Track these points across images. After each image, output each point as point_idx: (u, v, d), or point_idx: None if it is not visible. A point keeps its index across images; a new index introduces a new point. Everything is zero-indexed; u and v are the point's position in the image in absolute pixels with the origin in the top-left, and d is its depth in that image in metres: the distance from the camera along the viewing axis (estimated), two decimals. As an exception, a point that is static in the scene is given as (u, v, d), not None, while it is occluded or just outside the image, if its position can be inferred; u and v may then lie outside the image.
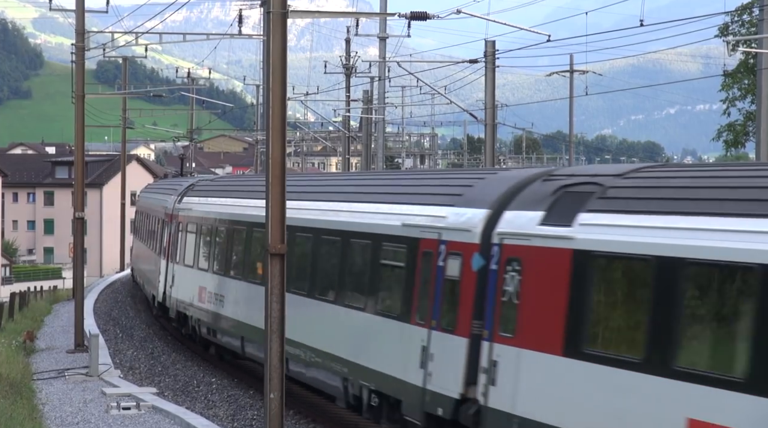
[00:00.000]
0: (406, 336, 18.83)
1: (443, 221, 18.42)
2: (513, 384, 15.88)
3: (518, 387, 15.79)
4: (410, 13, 34.47)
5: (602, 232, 14.79)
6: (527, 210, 16.57)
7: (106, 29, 42.12)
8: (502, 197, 17.49)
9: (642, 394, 13.34)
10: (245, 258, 28.11)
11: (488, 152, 38.30)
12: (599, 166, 18.95)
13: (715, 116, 60.40)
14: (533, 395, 15.52)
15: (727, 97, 50.58)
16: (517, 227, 16.48)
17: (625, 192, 15.23)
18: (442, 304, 17.88)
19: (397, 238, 19.63)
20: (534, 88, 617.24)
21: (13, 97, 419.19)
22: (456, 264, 17.63)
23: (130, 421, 22.88)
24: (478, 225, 17.35)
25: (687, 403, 12.71)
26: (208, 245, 31.87)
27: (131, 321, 42.83)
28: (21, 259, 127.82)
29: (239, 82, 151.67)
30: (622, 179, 15.71)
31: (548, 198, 16.40)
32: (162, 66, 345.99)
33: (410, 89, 63.26)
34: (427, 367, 17.80)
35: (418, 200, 19.91)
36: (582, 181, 16.29)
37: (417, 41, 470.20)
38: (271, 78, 16.96)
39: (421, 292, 18.51)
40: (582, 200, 15.69)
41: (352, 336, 21.20)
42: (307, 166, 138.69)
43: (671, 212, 13.87)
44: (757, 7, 41.23)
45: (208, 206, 33.19)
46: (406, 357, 18.69)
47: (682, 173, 15.48)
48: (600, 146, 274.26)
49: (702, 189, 14.13)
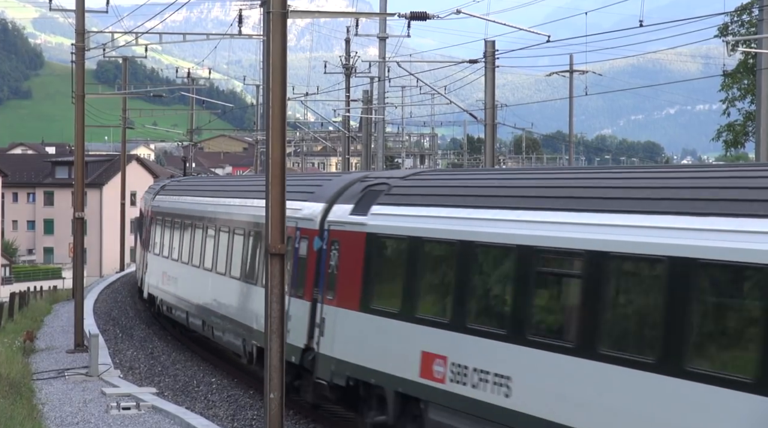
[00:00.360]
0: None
1: (299, 212, 23.67)
2: (332, 334, 21.51)
3: (335, 336, 21.39)
4: (410, 13, 34.52)
5: (383, 219, 20.27)
6: (345, 204, 22.01)
7: (106, 29, 42.13)
8: (335, 195, 22.82)
9: (397, 335, 19.24)
10: (192, 246, 34.01)
11: (488, 152, 38.31)
12: (395, 171, 25.47)
13: (715, 116, 60.43)
14: (344, 341, 21.12)
15: (726, 97, 50.57)
16: (337, 217, 21.98)
17: (403, 190, 20.77)
18: (296, 276, 23.43)
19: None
20: (534, 88, 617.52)
21: (13, 97, 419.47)
22: (304, 245, 23.31)
23: (129, 421, 22.88)
24: (318, 215, 22.87)
25: (422, 341, 18.43)
26: (169, 236, 38.06)
27: (131, 321, 42.84)
28: (21, 259, 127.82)
29: (239, 82, 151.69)
30: (403, 180, 21.43)
31: (358, 195, 21.83)
32: (162, 66, 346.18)
33: (410, 89, 63.29)
34: (287, 326, 21.54)
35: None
36: (379, 182, 21.87)
37: (417, 41, 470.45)
38: (271, 78, 16.97)
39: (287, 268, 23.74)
40: (375, 196, 21.19)
41: (248, 305, 27.43)
42: (307, 166, 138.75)
43: (425, 205, 19.31)
44: (757, 7, 41.22)
45: (169, 203, 39.42)
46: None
47: (442, 176, 22.16)
48: (600, 146, 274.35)
49: (446, 187, 19.75)
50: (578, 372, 14.90)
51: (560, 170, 19.59)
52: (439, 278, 18.44)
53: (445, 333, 17.91)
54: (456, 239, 17.88)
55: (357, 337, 20.68)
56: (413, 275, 18.97)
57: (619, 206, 15.11)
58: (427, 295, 18.75)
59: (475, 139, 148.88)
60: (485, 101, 38.19)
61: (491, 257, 17.27)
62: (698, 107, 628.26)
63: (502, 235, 16.92)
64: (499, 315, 16.84)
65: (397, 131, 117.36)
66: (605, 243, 14.77)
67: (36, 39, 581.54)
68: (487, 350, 16.80)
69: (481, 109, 39.82)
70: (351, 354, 20.87)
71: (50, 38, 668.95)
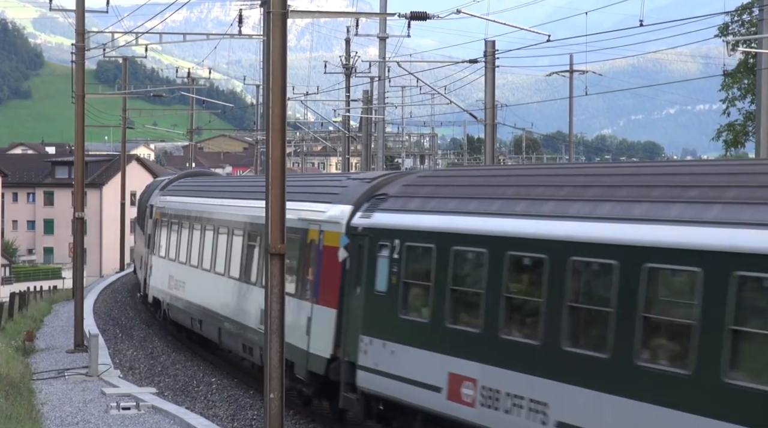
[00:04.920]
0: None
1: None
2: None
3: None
4: (410, 13, 34.52)
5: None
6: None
7: (106, 29, 42.12)
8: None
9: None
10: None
11: (488, 152, 38.32)
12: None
13: (715, 115, 60.39)
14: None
15: (726, 97, 50.52)
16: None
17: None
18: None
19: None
20: (534, 88, 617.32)
21: (13, 97, 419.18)
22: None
23: (129, 421, 22.87)
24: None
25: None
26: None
27: (131, 321, 42.83)
28: (21, 259, 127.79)
29: (239, 82, 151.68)
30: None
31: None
32: (162, 66, 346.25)
33: (410, 89, 63.28)
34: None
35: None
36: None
37: (417, 41, 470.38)
38: (271, 78, 16.97)
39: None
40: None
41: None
42: (307, 166, 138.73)
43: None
44: (757, 7, 41.18)
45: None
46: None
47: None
48: (600, 146, 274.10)
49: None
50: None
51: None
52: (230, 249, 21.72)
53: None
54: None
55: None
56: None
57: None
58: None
59: (475, 139, 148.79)
60: (485, 101, 38.18)
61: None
62: (698, 107, 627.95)
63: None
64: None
65: (397, 131, 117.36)
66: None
67: (36, 39, 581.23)
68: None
69: (481, 109, 39.81)
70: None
71: (50, 38, 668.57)
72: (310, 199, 23.97)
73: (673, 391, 13.65)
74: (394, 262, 19.55)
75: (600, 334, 14.91)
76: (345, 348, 20.93)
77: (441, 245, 18.35)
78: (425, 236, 18.92)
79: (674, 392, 13.65)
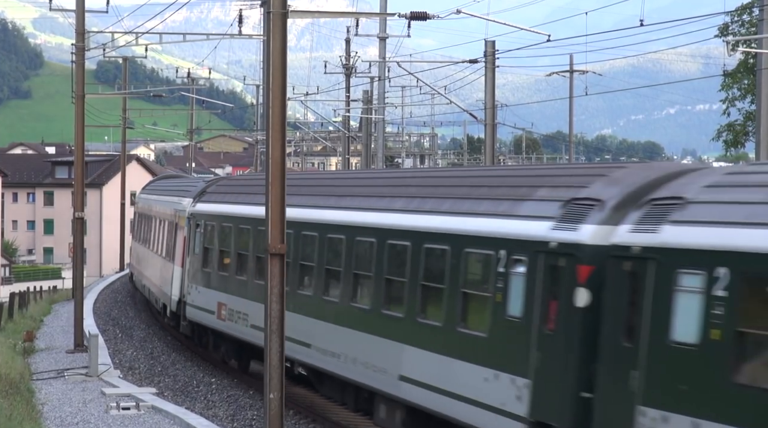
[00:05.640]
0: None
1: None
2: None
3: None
4: (410, 13, 34.53)
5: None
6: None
7: (106, 29, 42.13)
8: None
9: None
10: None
11: (488, 152, 38.32)
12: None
13: (715, 115, 60.37)
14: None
15: (726, 97, 50.49)
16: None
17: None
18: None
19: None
20: (534, 88, 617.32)
21: (13, 97, 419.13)
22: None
23: (129, 421, 22.87)
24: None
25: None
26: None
27: (131, 321, 42.83)
28: (21, 259, 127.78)
29: (239, 82, 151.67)
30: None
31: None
32: (162, 66, 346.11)
33: (410, 89, 63.29)
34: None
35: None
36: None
37: (417, 41, 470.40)
38: (271, 78, 16.97)
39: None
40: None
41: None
42: (307, 166, 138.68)
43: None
44: (757, 7, 41.18)
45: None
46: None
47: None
48: (600, 146, 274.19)
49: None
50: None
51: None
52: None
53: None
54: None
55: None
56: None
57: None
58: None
59: (475, 139, 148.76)
60: (485, 101, 38.19)
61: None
62: (698, 107, 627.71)
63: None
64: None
65: (397, 131, 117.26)
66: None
67: (36, 39, 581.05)
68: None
69: (481, 109, 39.81)
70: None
71: (50, 38, 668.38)
72: (179, 195, 36.01)
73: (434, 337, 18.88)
74: (201, 234, 31.34)
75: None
76: (182, 292, 33.05)
77: (233, 224, 29.18)
78: (226, 219, 29.59)
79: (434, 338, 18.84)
